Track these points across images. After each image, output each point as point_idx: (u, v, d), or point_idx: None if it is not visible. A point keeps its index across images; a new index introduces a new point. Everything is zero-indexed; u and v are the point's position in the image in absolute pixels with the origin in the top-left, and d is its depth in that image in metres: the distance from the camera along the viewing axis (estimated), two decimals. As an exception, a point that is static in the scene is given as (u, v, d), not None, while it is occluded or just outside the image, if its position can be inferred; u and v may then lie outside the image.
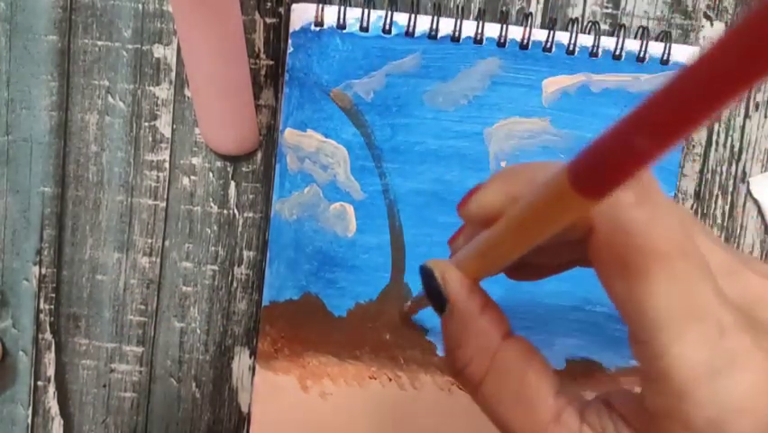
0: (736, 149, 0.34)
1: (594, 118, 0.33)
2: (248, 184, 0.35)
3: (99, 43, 0.34)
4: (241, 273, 0.35)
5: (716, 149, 0.34)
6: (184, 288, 0.35)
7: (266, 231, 0.35)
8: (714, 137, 0.34)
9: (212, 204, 0.35)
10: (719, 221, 0.34)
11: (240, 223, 0.35)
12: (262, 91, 0.34)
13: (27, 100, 0.34)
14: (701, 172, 0.34)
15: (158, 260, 0.35)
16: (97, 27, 0.34)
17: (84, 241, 0.35)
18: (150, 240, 0.35)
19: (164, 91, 0.34)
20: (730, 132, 0.34)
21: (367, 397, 0.34)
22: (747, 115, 0.34)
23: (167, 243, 0.35)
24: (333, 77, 0.33)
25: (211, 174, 0.35)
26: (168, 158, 0.35)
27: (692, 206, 0.34)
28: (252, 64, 0.34)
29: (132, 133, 0.35)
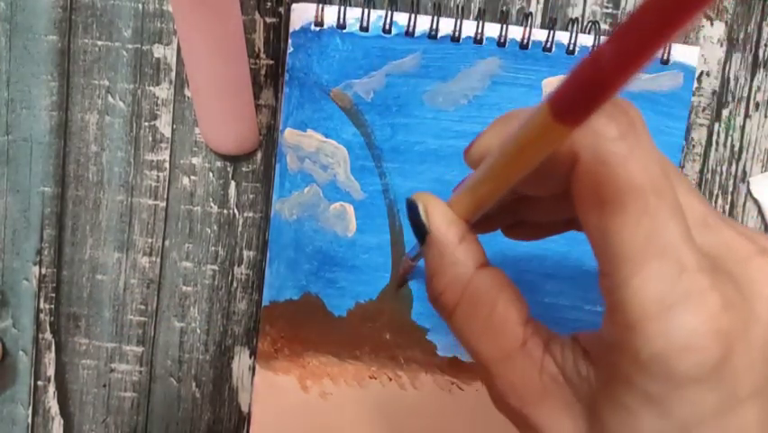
0: (736, 149, 0.34)
1: (594, 118, 0.33)
2: (248, 184, 0.35)
3: (99, 43, 0.34)
4: (241, 273, 0.35)
5: (716, 149, 0.34)
6: (184, 288, 0.35)
7: (266, 231, 0.35)
8: (714, 137, 0.34)
9: (212, 204, 0.35)
10: (719, 221, 0.34)
11: (240, 223, 0.35)
12: (262, 91, 0.34)
13: (27, 100, 0.34)
14: (701, 172, 0.34)
15: (158, 260, 0.35)
16: (97, 27, 0.34)
17: (84, 241, 0.35)
18: (150, 240, 0.35)
19: (164, 91, 0.34)
20: (730, 132, 0.34)
21: (367, 397, 0.34)
22: (747, 115, 0.34)
23: (167, 242, 0.35)
24: (333, 76, 0.33)
25: (211, 174, 0.35)
26: (168, 158, 0.35)
27: (692, 206, 0.34)
28: (252, 64, 0.34)
29: (132, 132, 0.35)
